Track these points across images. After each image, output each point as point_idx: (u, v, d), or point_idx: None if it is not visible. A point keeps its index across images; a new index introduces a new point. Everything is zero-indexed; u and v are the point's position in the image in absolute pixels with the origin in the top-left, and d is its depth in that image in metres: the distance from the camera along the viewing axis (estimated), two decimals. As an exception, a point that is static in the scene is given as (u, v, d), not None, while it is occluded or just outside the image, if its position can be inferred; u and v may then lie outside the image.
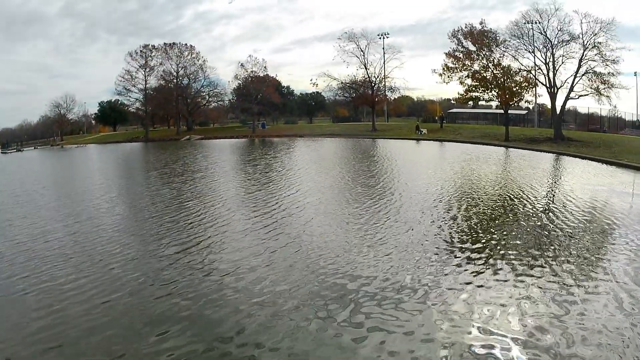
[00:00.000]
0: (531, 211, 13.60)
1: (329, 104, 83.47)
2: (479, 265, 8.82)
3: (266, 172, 25.06)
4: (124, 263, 9.83)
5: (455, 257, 9.39)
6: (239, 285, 8.30)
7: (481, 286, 7.79)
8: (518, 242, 10.42)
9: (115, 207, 16.69)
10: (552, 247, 9.92)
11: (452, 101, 75.22)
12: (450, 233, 11.28)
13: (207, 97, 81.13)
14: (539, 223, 12.13)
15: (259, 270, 9.02)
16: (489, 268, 8.66)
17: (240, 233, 12.05)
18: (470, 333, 6.24)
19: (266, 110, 71.20)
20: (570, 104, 44.30)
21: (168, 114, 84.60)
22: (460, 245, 10.19)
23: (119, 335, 6.62)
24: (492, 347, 5.86)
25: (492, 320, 6.57)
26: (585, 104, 60.02)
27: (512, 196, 15.99)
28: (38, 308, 7.68)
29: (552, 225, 11.78)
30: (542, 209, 13.95)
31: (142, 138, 74.35)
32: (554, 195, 16.37)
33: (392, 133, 56.66)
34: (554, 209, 13.87)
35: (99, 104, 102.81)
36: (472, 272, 8.44)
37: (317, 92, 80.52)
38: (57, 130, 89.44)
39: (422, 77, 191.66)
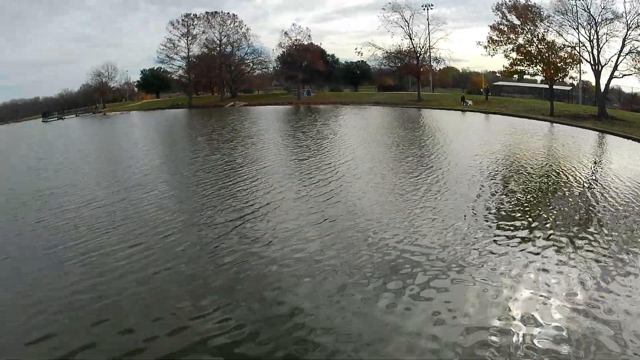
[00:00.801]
0: (581, 188, 13.52)
1: (374, 72, 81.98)
2: (534, 240, 8.88)
3: (317, 139, 25.08)
4: (175, 231, 9.89)
5: (510, 231, 9.41)
6: (296, 255, 8.36)
7: (533, 261, 7.87)
8: (568, 218, 10.43)
9: (163, 173, 17.21)
10: (602, 224, 9.95)
11: (497, 74, 72.32)
12: (504, 207, 11.31)
13: (251, 64, 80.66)
14: (588, 200, 12.07)
15: (315, 239, 9.09)
16: (541, 243, 8.70)
17: (296, 201, 12.15)
18: (520, 307, 6.38)
19: (311, 78, 70.54)
20: (614, 83, 42.55)
21: (211, 82, 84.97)
22: (515, 220, 10.21)
23: (170, 306, 6.70)
24: (542, 322, 6.00)
25: (545, 294, 6.71)
26: (630, 84, 57.09)
27: (561, 172, 15.73)
28: (86, 278, 7.64)
29: (601, 203, 11.69)
30: (591, 186, 13.80)
31: (186, 105, 75.05)
32: (602, 173, 16.03)
33: (437, 103, 55.21)
34: (603, 186, 13.68)
35: (142, 72, 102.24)
36: (526, 248, 8.52)
37: (362, 61, 79.05)
38: (98, 98, 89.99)
39: (467, 48, 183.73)
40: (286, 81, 76.56)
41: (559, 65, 40.36)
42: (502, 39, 42.50)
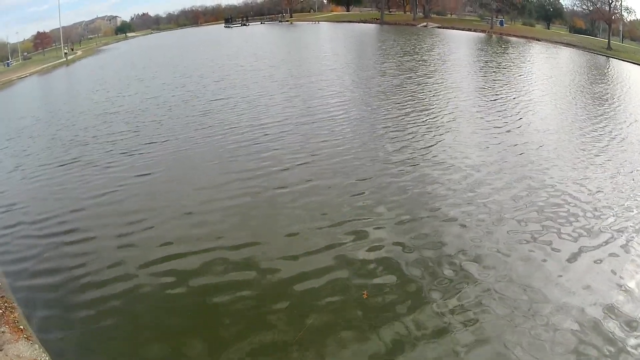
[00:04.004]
0: None
1: (567, 13, 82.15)
2: None
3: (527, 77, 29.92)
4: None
5: None
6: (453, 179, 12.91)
7: None
8: None
9: (378, 93, 23.87)
10: None
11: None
12: None
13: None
14: None
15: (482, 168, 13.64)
16: None
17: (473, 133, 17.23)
18: None
19: (505, 8, 73.34)
20: None
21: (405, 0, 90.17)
22: None
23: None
24: None
25: None
26: None
27: None
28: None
29: None
30: None
31: (378, 20, 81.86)
32: None
33: (627, 56, 55.44)
34: None
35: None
36: None
37: (555, -2, 79.42)
38: (285, 8, 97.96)
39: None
40: (480, 8, 79.97)
41: None
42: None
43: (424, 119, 19.13)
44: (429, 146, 15.74)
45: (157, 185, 13.67)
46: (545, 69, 34.93)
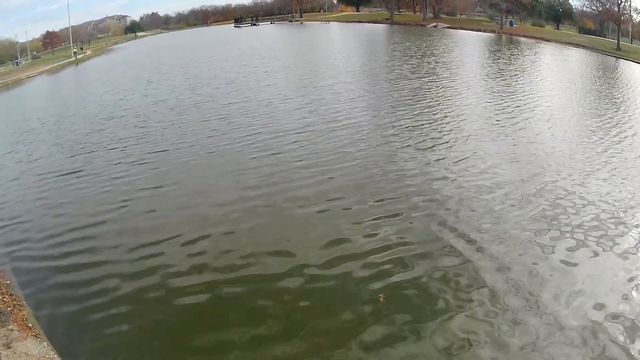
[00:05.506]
0: None
1: (577, 13, 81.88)
2: None
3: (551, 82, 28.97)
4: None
5: None
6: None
7: None
8: None
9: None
10: None
11: None
12: None
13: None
14: None
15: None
16: None
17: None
18: None
19: (514, 9, 73.06)
20: None
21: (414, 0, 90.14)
22: None
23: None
24: None
25: None
26: None
27: None
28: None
29: None
30: None
31: (388, 21, 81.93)
32: None
33: (636, 57, 54.34)
34: None
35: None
36: None
37: (567, -1, 79.05)
38: (295, 8, 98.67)
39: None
40: (489, 8, 79.71)
41: None
42: None
43: (449, 127, 18.68)
44: (453, 157, 15.41)
45: (172, 195, 13.40)
46: (564, 72, 34.58)
